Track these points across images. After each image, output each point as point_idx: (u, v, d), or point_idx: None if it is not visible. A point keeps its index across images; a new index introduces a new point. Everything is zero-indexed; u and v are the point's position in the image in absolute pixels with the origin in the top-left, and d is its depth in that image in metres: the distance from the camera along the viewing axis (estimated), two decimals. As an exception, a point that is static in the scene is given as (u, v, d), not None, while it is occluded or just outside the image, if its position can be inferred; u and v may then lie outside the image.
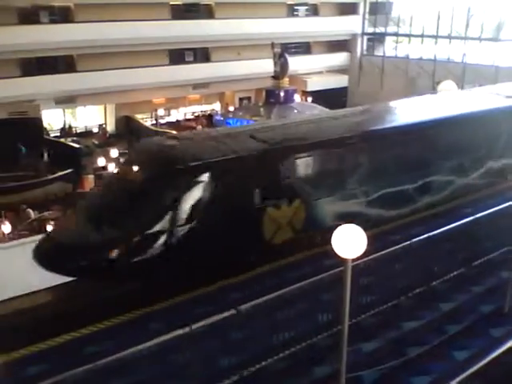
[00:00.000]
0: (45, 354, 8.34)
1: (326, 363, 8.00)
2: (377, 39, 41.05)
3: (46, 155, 25.03)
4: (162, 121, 35.20)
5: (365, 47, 41.08)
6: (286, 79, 28.31)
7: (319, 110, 26.39)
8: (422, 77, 35.63)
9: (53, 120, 31.91)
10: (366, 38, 40.98)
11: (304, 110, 27.14)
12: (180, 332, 6.93)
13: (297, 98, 30.37)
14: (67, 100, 29.93)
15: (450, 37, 37.01)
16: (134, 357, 6.84)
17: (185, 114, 36.51)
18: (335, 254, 5.87)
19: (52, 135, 30.87)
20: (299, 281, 8.31)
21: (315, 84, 36.93)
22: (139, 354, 6.85)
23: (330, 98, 32.59)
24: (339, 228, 5.77)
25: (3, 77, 26.53)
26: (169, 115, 35.95)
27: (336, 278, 8.06)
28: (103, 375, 6.50)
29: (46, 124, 30.05)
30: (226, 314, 7.37)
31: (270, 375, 7.84)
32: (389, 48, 40.26)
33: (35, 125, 27.31)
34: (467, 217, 10.43)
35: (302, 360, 8.10)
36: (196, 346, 7.04)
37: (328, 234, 5.92)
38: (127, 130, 33.12)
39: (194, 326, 6.98)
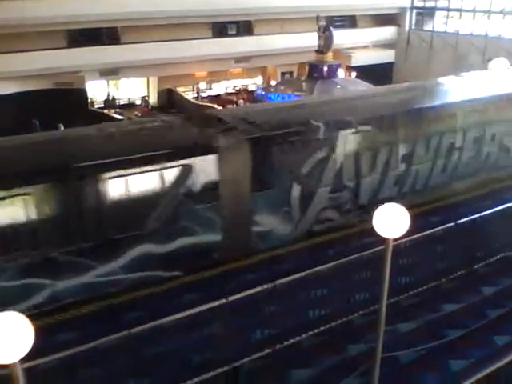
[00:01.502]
0: (82, 320, 8.57)
1: (361, 341, 7.95)
2: (426, 14, 39.61)
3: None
4: (203, 94, 35.19)
5: (413, 22, 39.69)
6: (330, 53, 27.68)
7: (363, 86, 25.78)
8: (472, 53, 34.19)
9: (97, 91, 32.40)
10: (415, 12, 39.59)
11: (348, 85, 26.56)
12: (216, 303, 6.98)
13: (340, 73, 29.70)
14: (111, 72, 30.27)
15: (503, 12, 35.27)
16: (170, 326, 6.95)
17: (226, 88, 36.39)
18: (375, 232, 5.74)
19: (96, 107, 31.43)
20: (337, 258, 8.23)
21: (360, 59, 35.99)
22: (175, 324, 6.95)
23: (374, 73, 31.69)
24: (381, 207, 5.62)
25: (50, 48, 27.05)
26: (210, 89, 35.90)
27: (375, 257, 7.96)
28: (139, 342, 6.62)
29: (90, 95, 30.57)
30: (261, 288, 7.37)
31: (304, 350, 7.85)
32: (438, 23, 38.78)
33: (80, 96, 27.82)
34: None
35: (336, 337, 8.06)
36: (232, 317, 7.09)
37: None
38: (169, 103, 33.31)
39: (231, 298, 7.01)
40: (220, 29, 33.45)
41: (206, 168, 9.29)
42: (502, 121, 13.21)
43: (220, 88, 36.41)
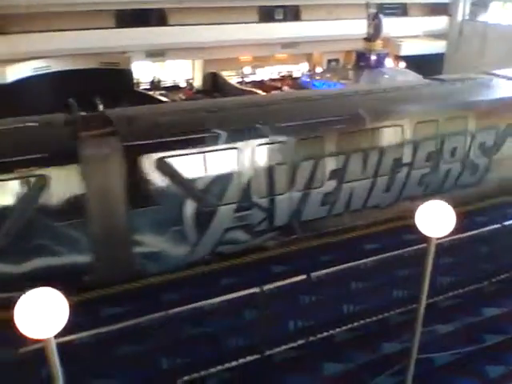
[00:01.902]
0: (123, 297, 8.74)
1: (396, 340, 7.78)
2: (480, 4, 38.09)
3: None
4: (247, 79, 35.04)
5: (467, 12, 38.25)
6: (379, 42, 26.97)
7: (413, 77, 25.03)
8: (529, 47, 32.70)
9: (142, 73, 32.69)
10: (468, 1, 38.16)
11: (395, 75, 25.85)
12: (251, 291, 6.95)
13: (388, 62, 28.94)
14: (157, 53, 30.45)
15: None
16: (205, 310, 6.99)
17: (270, 74, 36.12)
18: (418, 230, 5.54)
19: (141, 88, 31.75)
20: (376, 253, 8.05)
21: (409, 48, 34.95)
22: (210, 308, 6.98)
23: (424, 64, 30.76)
24: (425, 204, 5.40)
25: (98, 27, 27.42)
26: (254, 74, 35.72)
27: (416, 255, 7.75)
28: (177, 323, 6.68)
29: (135, 76, 30.88)
30: (296, 279, 7.29)
31: (337, 344, 7.76)
32: (493, 14, 37.24)
33: (126, 76, 28.11)
34: None
35: (370, 334, 7.92)
36: (266, 306, 7.05)
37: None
38: (213, 87, 33.33)
39: (266, 287, 6.97)
40: (267, 13, 33.10)
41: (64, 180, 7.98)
42: None
43: (264, 73, 36.18)
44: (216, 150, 8.90)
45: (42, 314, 3.71)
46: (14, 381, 5.96)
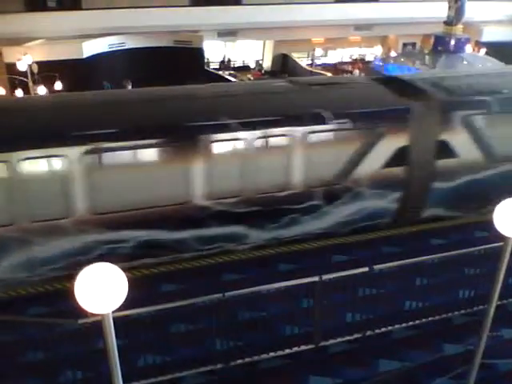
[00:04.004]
0: (179, 275, 8.89)
1: (459, 342, 7.43)
2: None
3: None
4: (317, 61, 34.49)
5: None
6: (460, 26, 25.61)
7: (495, 64, 23.63)
8: None
9: (212, 52, 32.91)
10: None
11: (475, 62, 24.50)
12: (310, 280, 6.81)
13: (468, 48, 27.48)
14: (229, 33, 30.52)
15: None
16: (261, 294, 6.93)
17: (342, 57, 35.36)
18: (493, 227, 5.18)
19: (211, 67, 32.00)
20: (444, 249, 7.67)
21: (492, 34, 33.02)
22: (267, 293, 6.92)
23: (506, 51, 28.99)
24: (505, 201, 5.02)
25: (172, 5, 27.76)
26: (325, 56, 35.08)
27: (487, 254, 7.34)
28: (232, 305, 6.67)
29: (207, 55, 31.13)
30: (358, 270, 7.07)
31: (394, 341, 7.51)
32: None
33: (198, 55, 28.39)
34: None
35: (432, 333, 7.60)
36: (325, 295, 6.91)
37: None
38: (282, 68, 33.05)
39: (324, 277, 6.80)
40: (344, -7, 32.25)
41: None
42: None
43: (336, 56, 35.45)
44: None
45: (102, 289, 3.74)
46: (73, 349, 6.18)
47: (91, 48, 24.51)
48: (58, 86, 18.08)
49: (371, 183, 9.56)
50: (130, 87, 21.24)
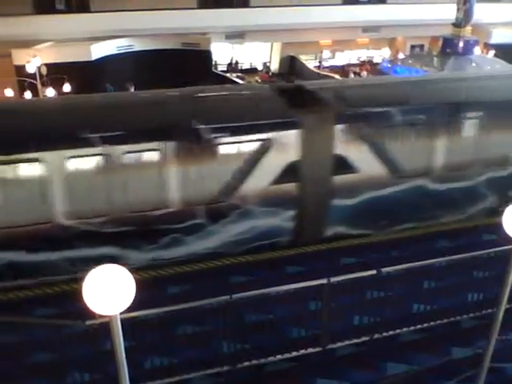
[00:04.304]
0: (187, 277, 8.89)
1: (467, 345, 7.39)
2: None
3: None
4: (325, 63, 34.43)
5: None
6: (469, 28, 25.50)
7: (502, 66, 23.50)
8: None
9: (220, 54, 32.95)
10: None
11: (484, 64, 24.38)
12: (318, 283, 6.79)
13: (477, 50, 27.35)
14: (237, 35, 30.54)
15: None
16: (269, 297, 6.93)
17: (349, 59, 35.29)
18: (501, 230, 5.14)
19: (219, 69, 32.03)
20: (452, 252, 7.62)
21: (501, 36, 32.83)
22: (274, 295, 6.91)
23: (515, 53, 28.81)
24: (513, 205, 4.98)
25: (180, 8, 27.85)
26: (333, 58, 35.03)
27: (496, 257, 7.28)
28: (240, 307, 6.66)
29: (214, 58, 31.17)
30: (366, 273, 7.04)
31: (402, 345, 7.47)
32: None
33: (206, 57, 28.43)
34: None
35: (440, 337, 7.56)
36: (333, 298, 6.89)
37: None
38: (290, 70, 33.02)
39: (332, 280, 6.78)
40: (352, -5, 32.21)
41: None
42: None
43: (343, 58, 35.39)
44: None
45: (110, 290, 3.75)
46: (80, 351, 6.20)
47: (100, 50, 24.61)
48: (67, 88, 18.17)
49: (260, 201, 9.00)
50: (132, 90, 21.34)
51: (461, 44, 25.03)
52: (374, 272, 7.01)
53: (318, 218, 9.57)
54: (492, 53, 30.38)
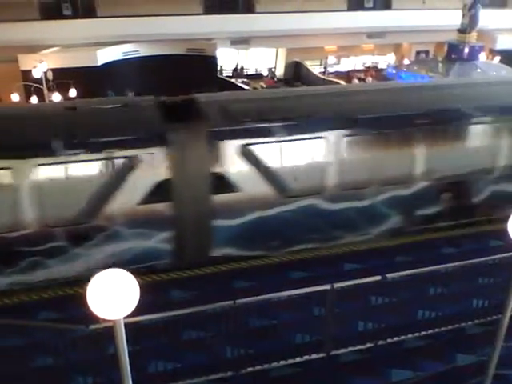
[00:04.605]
0: (190, 281, 8.89)
1: (472, 352, 7.34)
2: None
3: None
4: (330, 69, 34.46)
5: None
6: (474, 34, 25.47)
7: (507, 72, 23.46)
8: None
9: (225, 60, 33.05)
10: None
11: (489, 70, 24.33)
12: (321, 288, 6.77)
13: (482, 56, 27.31)
14: (242, 41, 30.63)
15: None
16: (272, 302, 6.91)
17: (354, 64, 35.33)
18: (507, 236, 5.12)
19: (224, 75, 32.13)
20: (457, 258, 7.58)
21: (506, 42, 32.77)
22: (278, 300, 6.89)
23: (521, 59, 28.73)
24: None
25: (187, 13, 27.97)
26: (338, 64, 35.08)
27: (501, 263, 7.25)
28: (243, 313, 6.65)
29: (220, 63, 31.26)
30: (370, 279, 7.02)
31: (406, 351, 7.43)
32: None
33: (211, 63, 28.53)
34: None
35: (445, 343, 7.51)
36: (337, 303, 6.86)
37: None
38: (295, 76, 33.09)
39: (336, 286, 6.76)
40: (356, 1, 32.26)
41: None
42: None
43: (349, 64, 35.42)
44: None
45: (114, 295, 3.75)
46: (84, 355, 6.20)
47: (106, 56, 24.74)
48: (73, 93, 18.26)
49: (128, 222, 8.45)
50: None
51: (466, 50, 25.01)
52: (378, 278, 6.98)
53: (198, 240, 8.97)
54: (497, 59, 30.36)
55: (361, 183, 9.47)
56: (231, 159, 8.69)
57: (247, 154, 8.77)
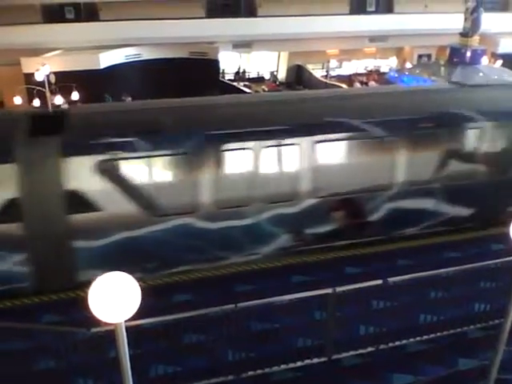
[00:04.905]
0: (191, 285, 8.88)
1: (474, 357, 7.32)
2: None
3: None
4: (332, 73, 34.51)
5: None
6: (476, 37, 25.45)
7: (510, 76, 23.42)
8: None
9: (227, 63, 33.11)
10: None
11: (491, 73, 24.29)
12: (323, 292, 6.76)
13: (484, 60, 27.29)
14: (244, 44, 30.71)
15: None
16: (274, 306, 6.90)
17: (356, 68, 35.38)
18: (509, 240, 5.10)
19: (226, 78, 32.19)
20: (459, 262, 7.57)
21: (509, 45, 32.79)
22: (279, 304, 6.89)
23: (523, 63, 28.74)
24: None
25: (189, 17, 28.04)
26: (340, 67, 35.12)
27: (503, 267, 7.24)
28: (244, 316, 6.64)
29: (222, 67, 31.31)
30: (372, 283, 7.00)
31: (408, 355, 7.40)
32: None
33: (213, 66, 28.60)
34: None
35: (446, 348, 7.49)
36: (338, 308, 6.85)
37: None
38: (297, 80, 33.13)
39: (338, 289, 6.75)
40: (358, 5, 32.31)
41: None
42: None
43: (351, 67, 35.47)
44: None
45: (115, 298, 3.75)
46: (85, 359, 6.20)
47: (108, 59, 24.82)
48: (75, 96, 18.31)
49: None
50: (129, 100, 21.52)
51: (468, 53, 24.97)
52: (380, 282, 6.97)
53: (57, 262, 8.33)
54: (500, 62, 30.36)
55: (240, 201, 8.86)
56: (89, 176, 8.05)
57: (107, 171, 8.14)
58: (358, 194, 9.51)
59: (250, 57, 34.03)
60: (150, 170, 8.46)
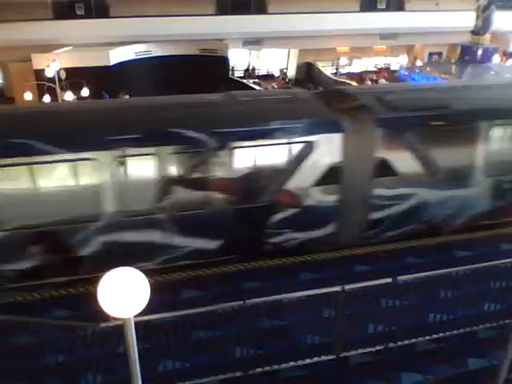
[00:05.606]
0: (201, 281, 8.89)
1: (484, 356, 7.27)
2: None
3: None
4: (342, 70, 34.39)
5: None
6: (488, 36, 25.26)
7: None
8: None
9: (237, 60, 33.07)
10: None
11: (502, 71, 24.11)
12: (332, 290, 6.74)
13: (495, 58, 27.08)
14: (254, 42, 30.67)
15: None
16: (282, 303, 6.90)
17: (366, 66, 35.21)
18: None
19: (236, 75, 32.17)
20: (469, 262, 7.52)
21: (520, 44, 32.54)
22: (288, 301, 6.88)
23: (535, 61, 28.45)
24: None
25: (199, 14, 28.05)
26: (350, 65, 34.98)
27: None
28: (253, 313, 6.63)
29: (232, 64, 31.30)
30: (381, 281, 6.97)
31: (417, 354, 7.37)
32: None
33: (223, 63, 28.60)
34: None
35: (456, 347, 7.44)
36: (347, 305, 6.83)
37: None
38: (306, 77, 33.04)
39: (347, 287, 6.73)
40: (369, 2, 32.17)
41: None
42: None
43: (361, 65, 35.33)
44: None
45: (125, 293, 3.75)
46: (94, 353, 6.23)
47: (118, 56, 24.89)
48: (85, 92, 18.38)
49: None
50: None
51: (479, 52, 24.82)
52: (389, 280, 6.94)
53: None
54: (511, 61, 30.07)
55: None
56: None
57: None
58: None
59: (259, 54, 33.99)
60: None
